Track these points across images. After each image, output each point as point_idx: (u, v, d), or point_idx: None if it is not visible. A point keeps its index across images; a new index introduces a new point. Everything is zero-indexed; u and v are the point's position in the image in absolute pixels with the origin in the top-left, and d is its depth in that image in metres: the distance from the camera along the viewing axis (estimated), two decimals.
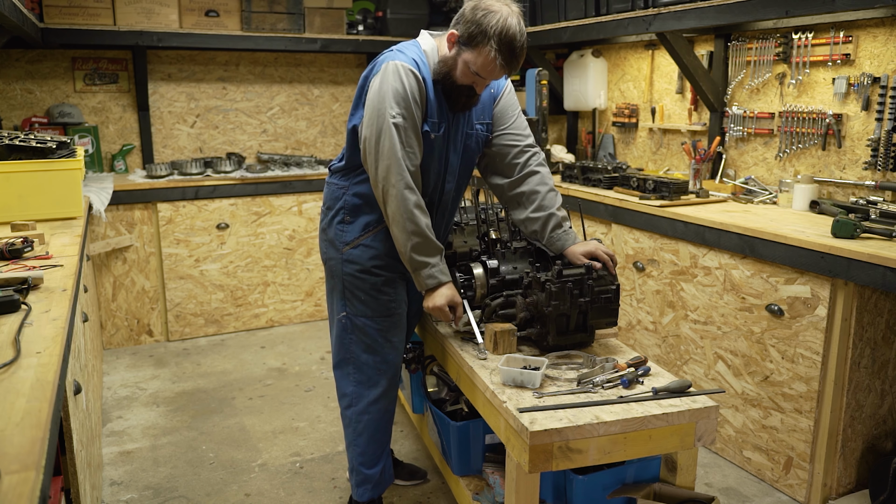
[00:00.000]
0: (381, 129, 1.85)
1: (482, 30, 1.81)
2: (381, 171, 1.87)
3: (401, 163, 1.86)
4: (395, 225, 1.90)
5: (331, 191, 2.14)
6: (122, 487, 2.56)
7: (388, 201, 1.89)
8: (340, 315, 2.12)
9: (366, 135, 1.90)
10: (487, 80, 1.90)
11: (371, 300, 2.09)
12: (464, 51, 1.86)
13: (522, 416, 1.53)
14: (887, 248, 2.16)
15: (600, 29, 3.49)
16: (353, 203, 2.07)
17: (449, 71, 1.91)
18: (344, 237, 2.07)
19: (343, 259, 2.08)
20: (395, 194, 1.87)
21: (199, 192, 3.97)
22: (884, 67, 2.65)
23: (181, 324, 4.07)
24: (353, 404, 2.17)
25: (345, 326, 2.12)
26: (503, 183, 2.13)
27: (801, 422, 2.42)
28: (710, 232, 2.69)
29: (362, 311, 2.09)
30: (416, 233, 1.89)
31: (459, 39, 1.87)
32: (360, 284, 2.07)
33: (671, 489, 1.73)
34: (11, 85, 4.03)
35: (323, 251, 2.17)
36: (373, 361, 2.13)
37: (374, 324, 2.10)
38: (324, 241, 2.15)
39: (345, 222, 2.07)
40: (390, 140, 1.85)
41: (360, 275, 2.07)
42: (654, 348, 3.09)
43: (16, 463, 0.91)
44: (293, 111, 4.75)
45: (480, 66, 1.85)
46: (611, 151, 4.14)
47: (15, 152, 2.52)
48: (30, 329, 1.41)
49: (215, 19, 4.07)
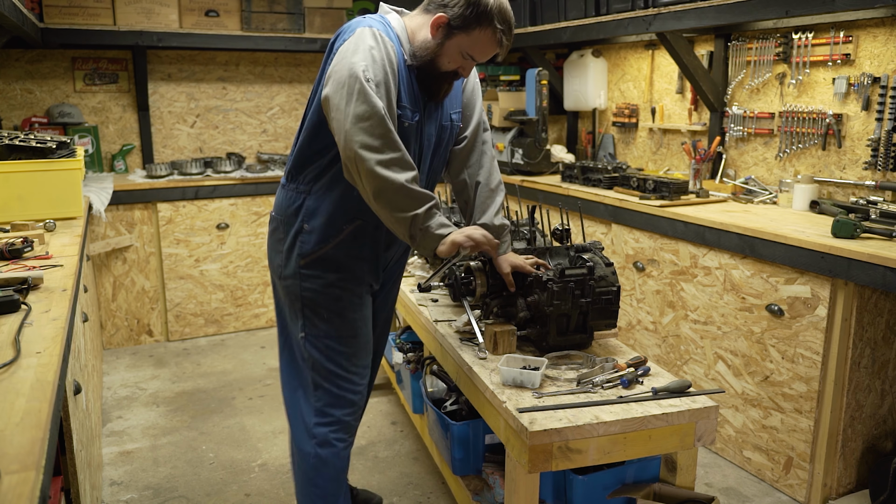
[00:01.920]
0: (354, 85, 1.60)
1: (482, 10, 1.69)
2: (352, 151, 1.60)
3: (377, 127, 1.61)
4: (384, 202, 1.66)
5: (286, 197, 1.87)
6: (122, 487, 2.56)
7: (369, 179, 1.62)
8: (299, 337, 1.88)
9: (329, 94, 1.63)
10: (479, 61, 1.79)
11: (336, 318, 1.86)
12: (456, 34, 1.72)
13: (522, 416, 1.53)
14: (887, 248, 2.16)
15: (600, 29, 3.49)
16: (313, 207, 1.81)
17: (433, 58, 1.75)
18: (303, 248, 1.82)
19: (302, 273, 1.83)
20: (371, 171, 1.61)
21: (199, 192, 3.97)
22: (884, 67, 2.65)
23: (181, 324, 4.07)
24: (312, 436, 1.90)
25: (303, 350, 1.88)
26: (465, 178, 1.99)
27: (801, 422, 2.42)
28: (710, 232, 2.69)
29: (325, 331, 1.85)
30: (414, 204, 1.67)
31: (451, 23, 1.72)
32: (322, 301, 1.84)
33: (671, 489, 1.73)
34: (11, 85, 4.03)
35: (276, 267, 1.90)
36: (337, 389, 1.88)
37: (340, 345, 1.87)
38: (275, 255, 1.90)
39: (303, 231, 1.82)
40: (363, 94, 1.59)
41: (323, 290, 1.84)
42: (654, 348, 3.09)
43: (16, 463, 0.91)
44: (293, 111, 4.75)
45: (478, 47, 1.74)
46: (611, 151, 4.14)
47: (15, 152, 2.52)
48: (30, 329, 1.41)
49: (215, 19, 4.07)
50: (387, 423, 3.06)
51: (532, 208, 2.24)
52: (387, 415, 3.14)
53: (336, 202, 1.81)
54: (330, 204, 1.81)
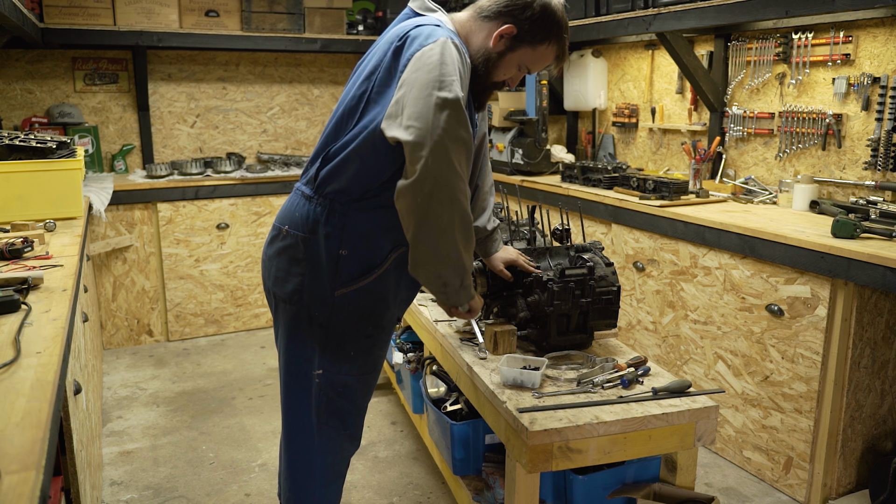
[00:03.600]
0: (447, 106, 1.40)
1: (555, 23, 1.59)
2: (437, 167, 1.41)
3: (468, 157, 1.46)
4: (446, 238, 1.48)
5: (311, 210, 1.60)
6: (122, 487, 2.56)
7: (444, 207, 1.44)
8: (316, 373, 1.66)
9: (414, 117, 1.41)
10: (532, 73, 1.71)
11: (362, 356, 1.67)
12: (521, 47, 1.60)
13: (522, 416, 1.53)
14: (887, 248, 2.16)
15: (600, 29, 3.49)
16: (356, 229, 1.58)
17: (490, 69, 1.62)
18: (340, 277, 1.59)
19: (336, 304, 1.60)
20: (455, 198, 1.44)
21: (199, 192, 3.97)
22: (884, 67, 2.65)
23: (181, 324, 4.07)
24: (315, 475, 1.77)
25: (321, 386, 1.67)
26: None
27: (801, 422, 2.42)
28: (710, 232, 2.69)
29: (348, 369, 1.67)
30: (471, 248, 1.55)
31: (520, 35, 1.59)
32: (352, 338, 1.64)
33: (671, 489, 1.73)
34: (11, 85, 4.03)
35: (288, 293, 1.63)
36: (343, 427, 1.74)
37: (359, 383, 1.71)
38: (288, 277, 1.63)
39: (341, 257, 1.58)
40: (458, 119, 1.41)
41: (357, 325, 1.63)
42: (654, 348, 3.09)
43: (16, 463, 0.91)
44: (293, 111, 4.75)
45: (540, 61, 1.64)
46: (611, 151, 4.14)
47: (15, 152, 2.52)
48: (30, 329, 1.41)
49: (215, 19, 4.07)
50: (387, 423, 3.06)
51: (532, 208, 2.24)
52: (387, 415, 3.14)
53: (383, 224, 1.58)
54: (376, 227, 1.58)
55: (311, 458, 1.75)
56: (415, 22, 1.59)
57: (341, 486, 1.84)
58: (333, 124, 1.63)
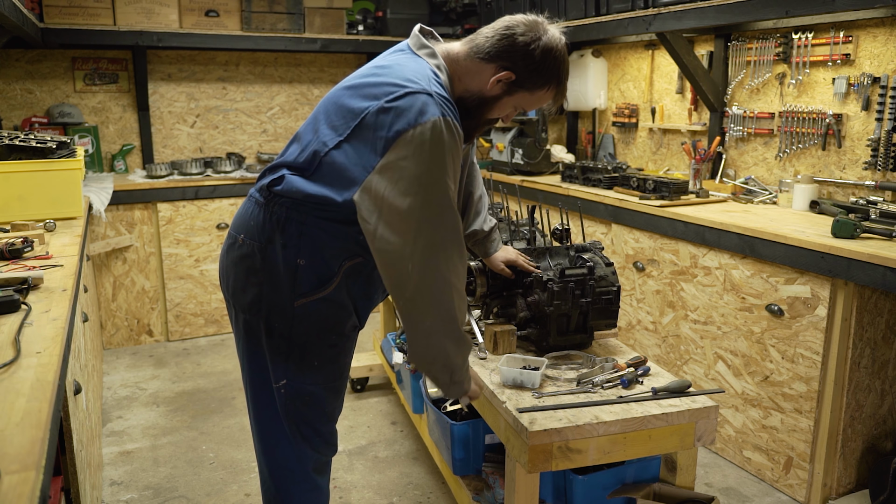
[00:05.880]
0: (433, 217, 1.38)
1: (554, 69, 1.53)
2: (420, 277, 1.39)
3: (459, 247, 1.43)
4: (430, 340, 1.46)
5: (267, 217, 1.51)
6: (122, 487, 2.56)
7: (427, 311, 1.42)
8: (280, 384, 1.59)
9: (393, 229, 1.37)
10: (526, 113, 1.68)
11: (328, 365, 1.61)
12: (517, 91, 1.54)
13: (522, 416, 1.53)
14: (887, 248, 2.16)
15: (600, 29, 3.49)
16: (313, 237, 1.50)
17: (484, 110, 1.57)
18: (299, 287, 1.51)
19: (296, 314, 1.53)
20: (439, 302, 1.41)
21: (199, 192, 3.97)
22: (884, 67, 2.65)
23: (181, 324, 4.07)
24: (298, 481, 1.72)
25: (287, 396, 1.61)
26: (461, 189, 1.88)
27: (801, 422, 2.42)
28: (710, 232, 2.69)
29: (312, 378, 1.60)
30: (462, 344, 1.51)
31: (518, 81, 1.52)
32: (315, 348, 1.57)
33: (671, 489, 1.73)
34: (11, 85, 4.03)
35: (246, 305, 1.56)
36: (317, 437, 1.68)
37: (326, 391, 1.64)
38: (247, 287, 1.55)
39: (299, 267, 1.50)
40: (444, 228, 1.40)
41: (318, 334, 1.56)
42: (654, 348, 3.09)
43: (16, 463, 0.91)
44: (293, 111, 4.75)
45: (536, 103, 1.60)
46: (611, 151, 4.14)
47: (15, 152, 2.52)
48: (30, 329, 1.41)
49: (215, 19, 4.07)
50: (387, 423, 3.06)
51: (532, 208, 2.24)
52: (387, 415, 3.14)
53: (338, 235, 1.51)
54: (330, 237, 1.51)
55: (292, 467, 1.70)
56: (408, 71, 1.46)
57: (327, 489, 1.80)
58: (303, 135, 1.55)
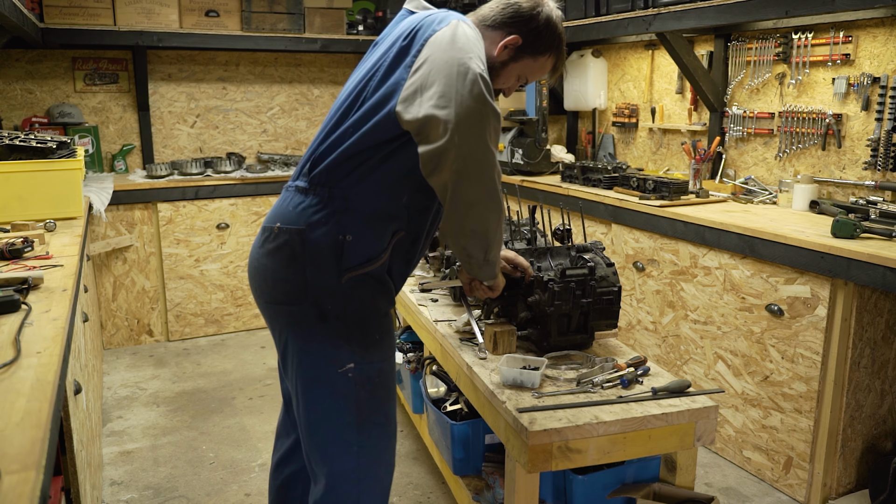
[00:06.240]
0: (473, 82, 1.38)
1: (557, 35, 1.60)
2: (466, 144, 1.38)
3: (499, 129, 1.44)
4: (472, 213, 1.47)
5: (307, 204, 1.53)
6: (122, 487, 2.56)
7: (471, 183, 1.42)
8: (347, 367, 1.55)
9: (439, 94, 1.39)
10: (528, 83, 1.71)
11: (386, 337, 1.61)
12: (523, 58, 1.60)
13: (522, 416, 1.53)
14: (887, 248, 2.16)
15: (600, 29, 3.49)
16: (357, 214, 1.51)
17: (491, 78, 1.55)
18: (347, 262, 1.51)
19: (345, 291, 1.52)
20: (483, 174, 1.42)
21: (199, 192, 3.97)
22: (884, 67, 2.65)
23: (181, 324, 4.07)
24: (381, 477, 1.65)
25: (356, 382, 1.56)
26: None
27: (801, 422, 2.42)
28: (710, 232, 2.69)
29: (379, 355, 1.59)
30: (500, 220, 1.54)
31: (523, 46, 1.58)
32: (373, 322, 1.57)
33: (671, 489, 1.73)
34: (11, 85, 4.03)
35: (288, 293, 1.54)
36: (386, 424, 1.63)
37: (389, 365, 1.63)
38: (290, 275, 1.53)
39: (344, 242, 1.50)
40: (485, 96, 1.39)
41: (373, 307, 1.57)
42: (653, 348, 3.10)
43: (16, 463, 0.91)
44: (293, 111, 4.75)
45: (538, 73, 1.64)
46: (611, 151, 4.15)
47: (15, 152, 2.52)
48: (30, 329, 1.41)
49: (215, 19, 4.07)
50: None
51: (532, 208, 2.24)
52: None
53: (383, 210, 1.53)
54: (376, 212, 1.53)
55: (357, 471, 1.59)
56: (422, 14, 1.57)
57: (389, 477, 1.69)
58: (333, 119, 1.58)
